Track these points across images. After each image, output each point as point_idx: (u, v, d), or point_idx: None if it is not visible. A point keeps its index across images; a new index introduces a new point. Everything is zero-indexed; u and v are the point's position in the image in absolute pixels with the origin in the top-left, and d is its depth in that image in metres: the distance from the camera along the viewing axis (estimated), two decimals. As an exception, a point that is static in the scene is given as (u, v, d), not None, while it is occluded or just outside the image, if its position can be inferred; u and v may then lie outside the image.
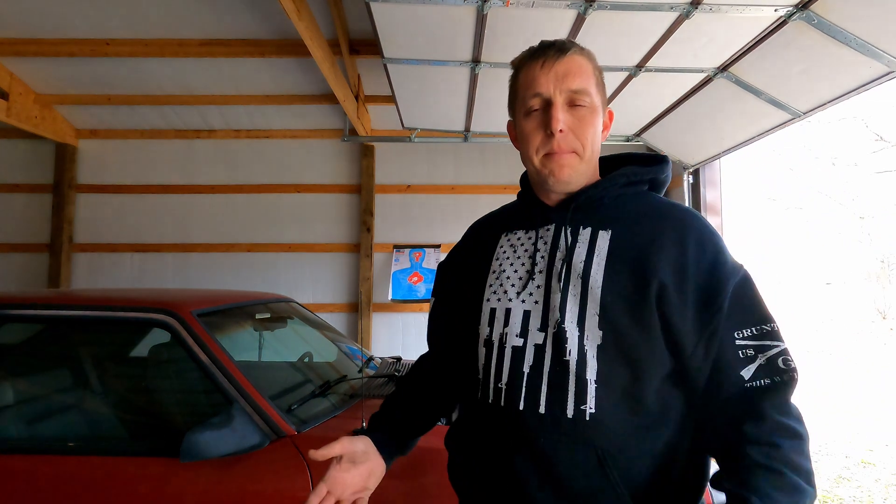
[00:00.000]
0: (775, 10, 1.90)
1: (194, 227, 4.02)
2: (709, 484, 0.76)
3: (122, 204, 4.04)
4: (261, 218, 4.02)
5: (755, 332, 0.73)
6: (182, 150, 4.06)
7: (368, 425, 0.95)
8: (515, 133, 0.86)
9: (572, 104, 0.78)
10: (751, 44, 2.16)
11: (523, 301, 0.80)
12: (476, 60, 2.40)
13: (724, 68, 2.40)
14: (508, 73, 0.89)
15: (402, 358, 2.52)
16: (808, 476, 0.69)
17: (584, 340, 0.73)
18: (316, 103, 3.65)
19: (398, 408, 0.96)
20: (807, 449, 0.70)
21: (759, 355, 0.72)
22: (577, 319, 0.74)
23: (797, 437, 0.70)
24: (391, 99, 3.03)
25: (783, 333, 0.74)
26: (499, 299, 0.83)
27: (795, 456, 0.69)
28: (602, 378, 0.73)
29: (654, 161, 0.87)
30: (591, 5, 1.92)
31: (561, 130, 0.77)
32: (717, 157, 3.26)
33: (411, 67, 2.52)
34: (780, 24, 1.98)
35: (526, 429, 0.75)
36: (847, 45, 1.92)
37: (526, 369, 0.76)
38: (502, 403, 0.78)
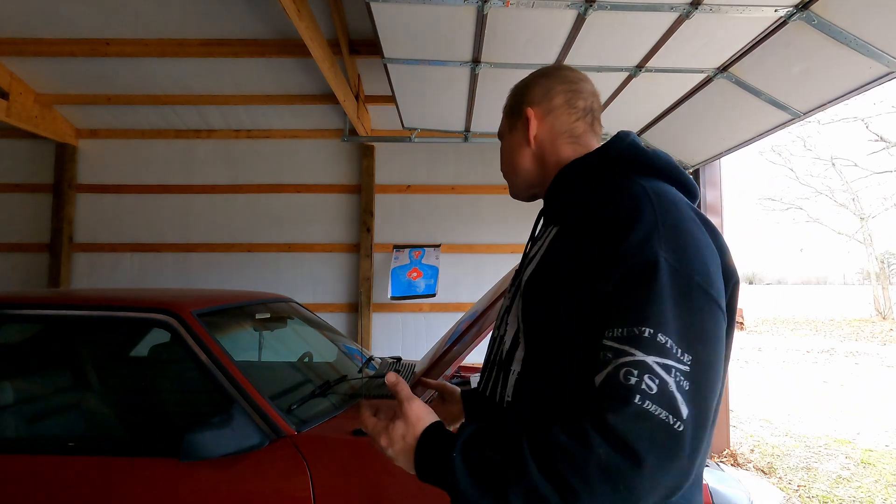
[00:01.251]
0: (775, 11, 1.90)
1: (194, 227, 4.02)
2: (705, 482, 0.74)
3: (122, 204, 4.04)
4: (261, 218, 4.02)
5: (624, 334, 0.60)
6: (182, 150, 4.06)
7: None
8: None
9: None
10: (751, 44, 2.16)
11: (509, 299, 0.88)
12: (476, 60, 2.40)
13: (724, 68, 2.40)
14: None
15: (402, 358, 2.53)
16: (555, 477, 0.57)
17: (519, 333, 0.77)
18: (316, 103, 3.65)
19: None
20: (586, 467, 0.56)
21: (614, 361, 0.60)
22: (517, 313, 0.79)
23: (585, 446, 0.56)
24: (391, 99, 3.03)
25: (664, 348, 0.59)
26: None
27: (558, 453, 0.57)
28: (523, 368, 0.75)
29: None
30: (591, 5, 1.92)
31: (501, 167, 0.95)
32: (717, 157, 3.26)
33: (411, 67, 2.52)
34: (781, 24, 1.98)
35: (485, 409, 0.84)
36: (847, 46, 1.92)
37: (491, 357, 0.86)
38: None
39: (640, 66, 2.44)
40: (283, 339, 2.51)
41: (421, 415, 0.70)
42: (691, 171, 3.50)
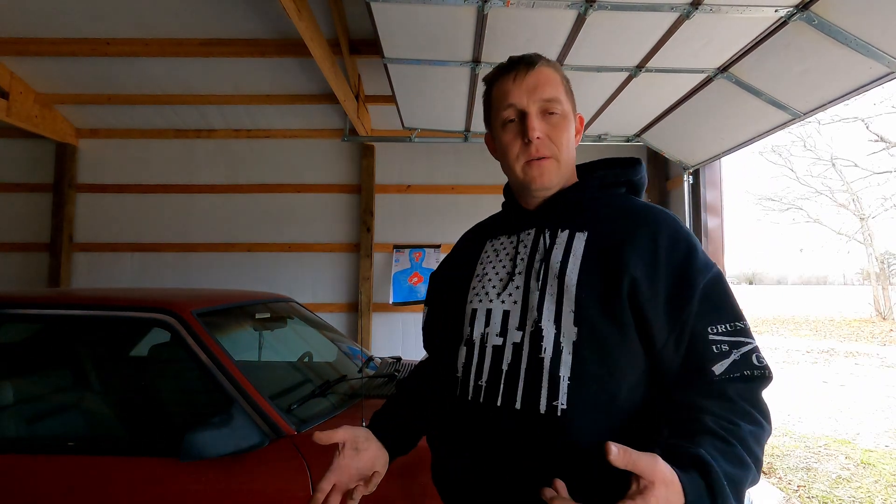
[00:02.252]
0: (775, 11, 1.90)
1: (194, 227, 4.02)
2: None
3: (122, 204, 4.04)
4: (261, 218, 4.02)
5: (729, 329, 0.74)
6: (182, 150, 4.06)
7: (370, 422, 0.95)
8: (494, 145, 0.91)
9: (545, 112, 0.83)
10: (751, 44, 2.16)
11: (503, 302, 0.83)
12: (476, 60, 2.40)
13: (724, 69, 2.40)
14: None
15: (402, 358, 2.52)
16: (757, 460, 0.68)
17: (560, 338, 0.75)
18: (316, 103, 3.65)
19: (400, 407, 0.98)
20: (764, 440, 0.70)
21: (734, 351, 0.73)
22: (553, 318, 0.77)
23: (758, 424, 0.70)
24: (391, 99, 3.03)
25: (753, 332, 0.77)
26: (480, 301, 0.87)
27: (751, 439, 0.68)
28: (575, 374, 0.74)
29: (627, 164, 0.92)
30: (591, 5, 1.92)
31: (538, 137, 0.82)
32: (717, 157, 3.26)
33: (411, 67, 2.52)
34: (781, 24, 1.98)
35: (502, 424, 0.77)
36: (847, 46, 1.92)
37: (505, 367, 0.79)
38: (481, 400, 0.80)
39: (640, 66, 2.44)
40: (283, 339, 2.50)
41: (667, 468, 0.60)
42: (691, 170, 3.50)
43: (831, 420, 5.09)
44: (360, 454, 0.85)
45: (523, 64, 0.85)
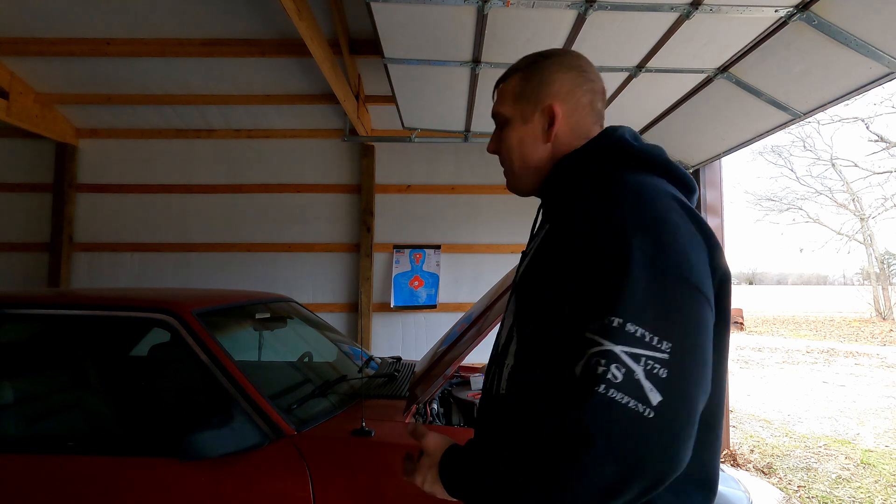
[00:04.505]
0: (775, 11, 1.90)
1: (194, 227, 4.02)
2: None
3: (122, 204, 4.04)
4: (261, 218, 4.02)
5: (597, 326, 0.60)
6: (182, 150, 4.06)
7: None
8: None
9: (497, 127, 0.91)
10: (751, 44, 2.16)
11: (510, 295, 0.90)
12: (476, 60, 2.40)
13: (724, 69, 2.40)
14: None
15: (402, 358, 2.53)
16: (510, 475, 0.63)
17: (513, 328, 0.79)
18: (316, 103, 3.65)
19: None
20: (540, 453, 0.60)
21: (587, 351, 0.60)
22: (512, 309, 0.82)
23: (550, 445, 0.59)
24: (391, 99, 3.03)
25: (633, 336, 0.59)
26: None
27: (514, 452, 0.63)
28: (516, 361, 0.77)
29: (588, 143, 0.83)
30: (591, 5, 1.92)
31: (493, 151, 0.92)
32: (718, 157, 3.27)
33: (412, 67, 2.52)
34: (781, 24, 1.99)
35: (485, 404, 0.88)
36: (847, 46, 1.93)
37: (493, 353, 0.88)
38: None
39: (640, 66, 2.44)
40: (283, 339, 2.50)
41: (439, 444, 0.77)
42: (691, 171, 3.50)
43: (831, 420, 5.09)
44: None
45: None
